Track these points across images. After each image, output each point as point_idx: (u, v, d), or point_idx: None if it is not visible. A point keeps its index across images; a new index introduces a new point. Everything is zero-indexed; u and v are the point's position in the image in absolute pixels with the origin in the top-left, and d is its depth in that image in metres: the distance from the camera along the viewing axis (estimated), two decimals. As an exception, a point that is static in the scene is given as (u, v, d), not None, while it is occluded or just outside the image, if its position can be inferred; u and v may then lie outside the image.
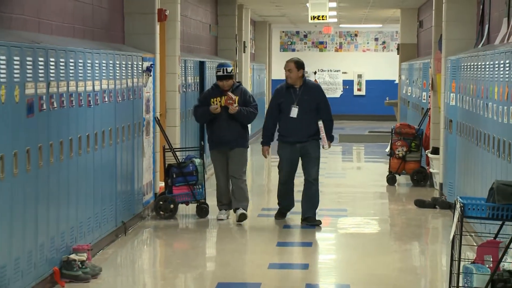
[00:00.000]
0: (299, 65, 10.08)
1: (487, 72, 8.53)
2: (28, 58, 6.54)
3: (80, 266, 7.34)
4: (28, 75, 6.54)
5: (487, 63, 8.52)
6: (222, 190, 10.37)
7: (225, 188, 10.34)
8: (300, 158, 10.06)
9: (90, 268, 7.44)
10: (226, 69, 10.17)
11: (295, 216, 10.19)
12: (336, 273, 8.12)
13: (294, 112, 9.90)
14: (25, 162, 6.48)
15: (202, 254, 8.82)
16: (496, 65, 8.02)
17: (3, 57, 6.03)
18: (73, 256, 7.36)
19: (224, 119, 10.09)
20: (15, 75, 6.26)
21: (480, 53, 9.20)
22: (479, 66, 9.00)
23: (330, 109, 10.19)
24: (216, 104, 10.09)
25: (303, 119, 9.90)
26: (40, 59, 6.80)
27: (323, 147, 10.01)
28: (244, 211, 10.15)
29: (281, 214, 10.31)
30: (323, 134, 9.94)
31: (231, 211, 10.31)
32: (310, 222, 9.93)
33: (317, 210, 10.06)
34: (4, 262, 6.12)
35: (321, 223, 9.95)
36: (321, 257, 8.67)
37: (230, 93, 10.05)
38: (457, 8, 11.77)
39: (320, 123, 9.96)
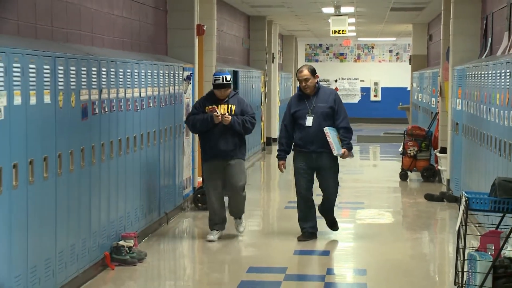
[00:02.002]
0: (313, 71, 8.52)
1: (489, 80, 8.47)
2: (83, 68, 6.58)
3: (128, 251, 7.38)
4: (83, 83, 6.58)
5: (490, 72, 8.47)
6: (214, 207, 8.56)
7: (217, 205, 8.56)
8: (315, 172, 8.50)
9: (137, 253, 7.47)
10: (225, 78, 8.45)
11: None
12: (354, 259, 8.10)
13: (309, 121, 8.35)
14: (79, 160, 6.53)
15: (235, 240, 8.82)
16: (498, 74, 7.97)
17: (61, 67, 6.07)
18: (121, 242, 7.40)
19: (218, 130, 8.36)
20: (71, 83, 6.31)
21: (483, 63, 9.14)
22: (483, 75, 8.95)
23: (346, 116, 8.47)
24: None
25: (318, 128, 8.32)
26: (93, 69, 6.84)
27: (335, 154, 8.31)
28: (242, 228, 8.80)
29: (305, 235, 8.58)
30: (330, 139, 8.24)
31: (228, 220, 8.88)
32: (329, 224, 8.78)
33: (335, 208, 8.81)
34: (62, 248, 6.17)
35: (338, 228, 8.82)
36: (340, 244, 8.64)
37: (214, 106, 8.38)
38: (463, 23, 11.71)
39: (326, 129, 8.27)
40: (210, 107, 8.35)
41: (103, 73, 7.10)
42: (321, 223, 8.73)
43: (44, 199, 5.79)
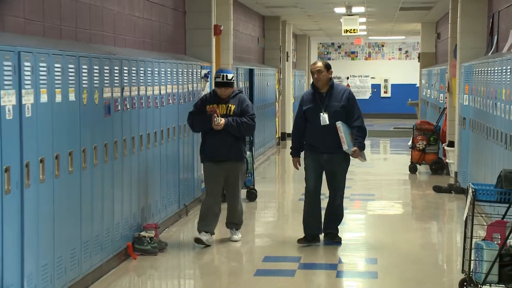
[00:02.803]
0: (328, 65, 7.83)
1: (495, 76, 8.43)
2: (106, 67, 6.60)
3: (149, 241, 7.40)
4: (106, 81, 6.60)
5: (496, 68, 8.43)
6: (206, 207, 7.94)
7: (213, 207, 7.93)
8: (324, 171, 7.87)
9: (158, 243, 7.50)
10: (226, 76, 7.81)
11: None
12: (365, 249, 8.09)
13: (324, 119, 7.65)
14: (103, 154, 6.55)
15: (251, 231, 8.83)
16: (504, 70, 7.94)
17: (85, 67, 6.09)
18: (143, 233, 7.42)
19: (217, 130, 7.76)
20: (95, 81, 6.33)
21: (489, 60, 9.10)
22: (489, 71, 8.91)
23: (361, 115, 7.80)
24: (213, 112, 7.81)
25: (330, 126, 7.65)
26: (116, 67, 6.86)
27: (346, 150, 7.65)
28: (237, 236, 8.16)
29: (306, 238, 7.93)
30: (341, 134, 7.59)
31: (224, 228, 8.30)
32: (331, 238, 7.96)
33: (340, 225, 8.06)
34: (87, 238, 6.20)
35: (341, 241, 7.95)
36: (352, 235, 8.63)
37: (214, 107, 7.80)
38: (470, 22, 11.66)
39: (338, 124, 7.61)
40: (211, 106, 7.81)
41: (125, 71, 7.12)
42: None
43: (69, 192, 5.82)
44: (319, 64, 7.82)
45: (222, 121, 7.73)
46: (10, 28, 5.55)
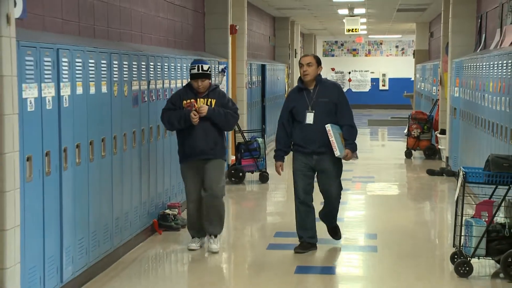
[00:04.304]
0: (319, 60, 6.48)
1: (484, 71, 8.39)
2: (134, 63, 6.60)
3: (173, 219, 7.42)
4: (134, 75, 6.61)
5: (484, 64, 8.39)
6: (193, 213, 6.60)
7: (196, 213, 6.58)
8: (316, 173, 6.50)
9: (180, 220, 7.52)
10: (202, 67, 6.39)
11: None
12: (366, 225, 8.09)
13: (309, 118, 6.32)
14: (131, 141, 6.57)
15: (263, 210, 8.85)
16: (491, 65, 7.90)
17: (116, 62, 6.10)
18: (167, 211, 7.45)
19: (198, 126, 6.37)
20: (124, 75, 6.34)
21: (478, 56, 9.05)
22: (478, 66, 8.86)
23: (351, 112, 6.45)
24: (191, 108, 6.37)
25: (320, 125, 6.32)
26: (143, 63, 6.87)
27: (337, 155, 6.34)
28: (216, 246, 6.55)
29: (303, 246, 6.60)
30: (332, 138, 6.28)
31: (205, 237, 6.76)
32: (331, 231, 6.85)
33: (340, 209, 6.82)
34: (118, 215, 6.23)
35: (340, 236, 6.89)
36: (354, 213, 8.64)
37: (192, 101, 6.39)
38: (460, 22, 11.59)
39: (328, 126, 6.29)
40: (188, 101, 6.39)
41: (151, 66, 7.12)
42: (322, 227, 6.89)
43: (102, 174, 5.84)
44: (310, 57, 6.47)
45: (205, 107, 6.35)
46: (49, 28, 5.57)
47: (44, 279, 4.82)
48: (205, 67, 6.42)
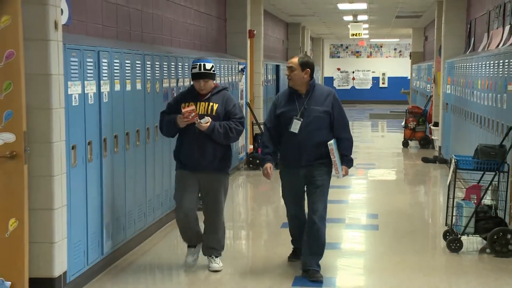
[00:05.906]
0: (304, 64, 4.94)
1: (472, 70, 8.33)
2: (164, 63, 6.61)
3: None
4: (164, 73, 6.61)
5: (473, 64, 8.33)
6: (182, 220, 5.02)
7: (185, 219, 5.00)
8: (305, 186, 5.00)
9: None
10: (204, 65, 4.94)
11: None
12: (368, 206, 8.07)
13: (295, 126, 4.86)
14: (163, 131, 6.58)
15: (278, 194, 8.83)
16: (479, 66, 7.84)
17: (149, 62, 6.11)
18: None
19: (195, 134, 4.95)
20: (156, 74, 6.35)
21: (468, 57, 8.99)
22: (467, 66, 8.80)
23: (347, 123, 4.99)
24: (186, 113, 4.88)
25: (309, 136, 4.87)
26: (172, 63, 6.87)
27: (337, 176, 4.92)
28: (217, 265, 5.15)
29: (296, 254, 5.33)
30: (334, 158, 4.84)
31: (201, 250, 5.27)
32: (311, 277, 4.89)
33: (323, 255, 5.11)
34: (150, 197, 6.25)
35: (322, 280, 4.88)
36: (357, 195, 8.62)
37: (188, 108, 4.87)
38: (452, 27, 11.50)
39: (331, 145, 4.83)
40: (186, 105, 4.92)
41: (179, 66, 7.12)
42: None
43: (136, 161, 5.86)
44: (294, 59, 5.01)
45: (206, 125, 4.89)
46: (91, 33, 5.58)
47: (87, 252, 4.85)
48: (208, 65, 4.96)
